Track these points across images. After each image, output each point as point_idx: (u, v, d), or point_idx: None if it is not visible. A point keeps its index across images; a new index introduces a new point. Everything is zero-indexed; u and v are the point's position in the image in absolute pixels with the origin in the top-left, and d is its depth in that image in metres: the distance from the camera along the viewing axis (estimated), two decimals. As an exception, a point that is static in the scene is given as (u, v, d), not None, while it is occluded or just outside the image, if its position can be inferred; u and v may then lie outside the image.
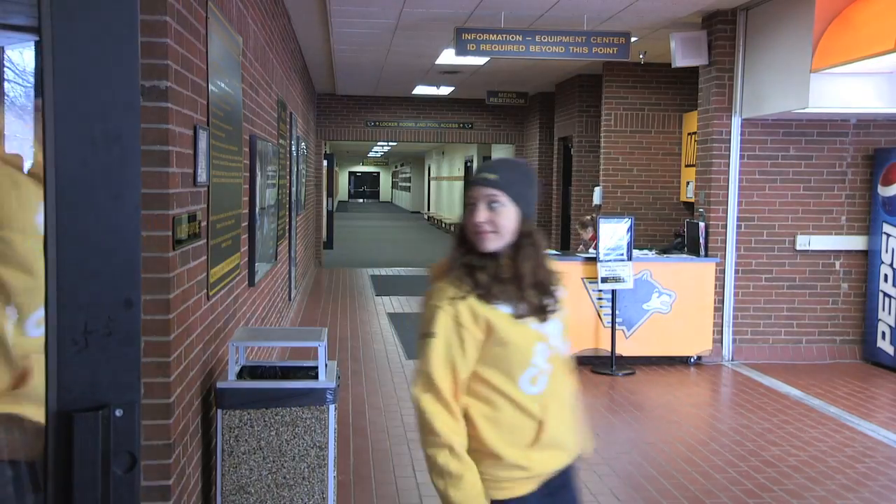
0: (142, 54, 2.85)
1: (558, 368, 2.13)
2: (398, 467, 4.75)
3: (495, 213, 2.05)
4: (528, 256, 2.07)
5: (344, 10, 7.97)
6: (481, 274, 2.06)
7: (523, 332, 2.06)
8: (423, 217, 36.33)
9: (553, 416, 2.09)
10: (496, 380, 2.05)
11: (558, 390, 2.13)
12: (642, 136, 10.67)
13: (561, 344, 2.15)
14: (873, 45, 5.91)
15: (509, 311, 2.06)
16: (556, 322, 2.14)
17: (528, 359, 2.06)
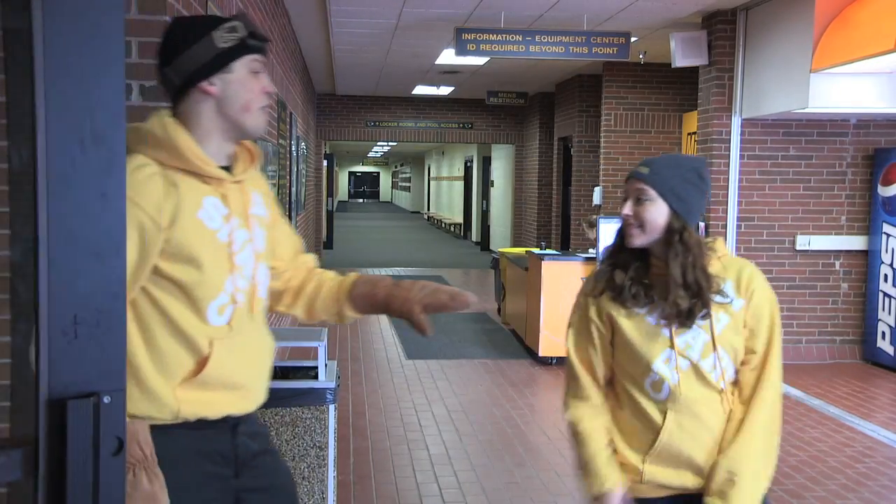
0: (141, 54, 2.86)
1: (689, 379, 1.99)
2: (398, 467, 4.75)
3: (641, 208, 2.00)
4: (675, 255, 1.97)
5: (344, 10, 7.97)
6: (620, 273, 2.04)
7: (649, 335, 2.01)
8: (423, 217, 36.33)
9: (674, 427, 1.99)
10: (623, 378, 2.09)
11: (686, 402, 1.98)
12: (642, 136, 10.67)
13: (698, 355, 1.99)
14: (873, 45, 5.91)
15: (642, 313, 2.02)
16: (701, 331, 2.00)
17: (649, 363, 2.00)
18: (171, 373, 1.75)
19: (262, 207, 1.94)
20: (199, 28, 1.77)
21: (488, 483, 4.50)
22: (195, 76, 1.75)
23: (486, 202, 20.30)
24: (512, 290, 8.88)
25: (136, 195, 1.65)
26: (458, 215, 25.83)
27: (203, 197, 1.75)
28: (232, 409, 1.84)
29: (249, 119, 1.80)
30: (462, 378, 6.89)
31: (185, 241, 1.71)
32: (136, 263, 1.67)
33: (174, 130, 1.73)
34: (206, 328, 1.77)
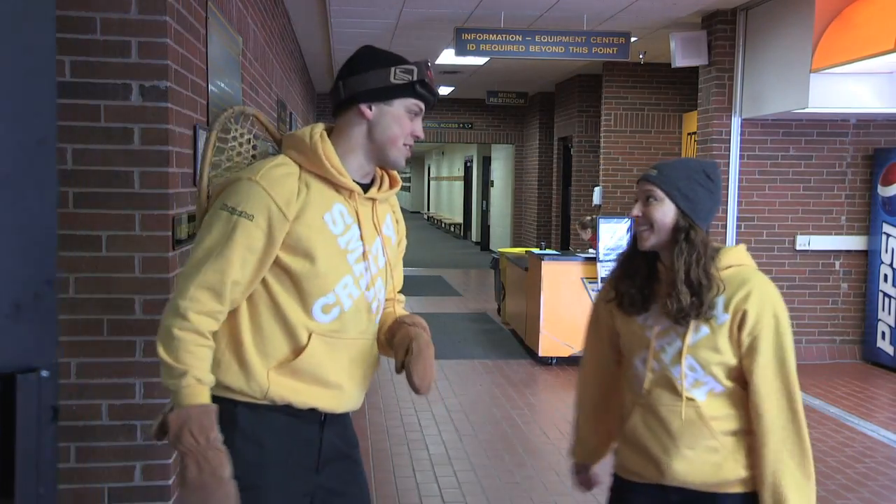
0: (141, 54, 2.86)
1: (657, 382, 2.07)
2: (398, 467, 4.75)
3: (649, 208, 2.05)
4: (680, 252, 2.01)
5: (344, 10, 7.97)
6: (627, 282, 2.13)
7: (635, 334, 2.13)
8: (423, 217, 36.32)
9: (639, 420, 2.11)
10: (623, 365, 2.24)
11: (651, 401, 2.09)
12: (642, 136, 10.67)
13: (668, 360, 2.05)
14: (873, 45, 5.91)
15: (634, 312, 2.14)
16: (677, 339, 2.04)
17: (631, 359, 2.15)
18: (269, 354, 1.88)
19: (391, 231, 2.13)
20: (384, 59, 1.95)
21: (488, 483, 4.50)
22: (359, 97, 1.93)
23: (486, 202, 20.30)
24: (512, 290, 8.88)
25: (270, 187, 1.84)
26: (458, 215, 25.83)
27: (333, 203, 1.91)
28: (319, 404, 1.94)
29: (393, 151, 1.96)
30: (462, 378, 6.89)
31: (305, 237, 1.85)
32: (264, 246, 1.83)
33: (318, 140, 1.91)
34: (309, 322, 1.90)
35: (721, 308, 2.00)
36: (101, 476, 2.98)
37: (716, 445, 2.03)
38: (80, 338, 2.91)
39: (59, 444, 2.93)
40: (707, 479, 2.04)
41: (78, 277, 2.89)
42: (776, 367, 2.00)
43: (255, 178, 1.85)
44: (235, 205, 1.84)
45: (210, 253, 1.82)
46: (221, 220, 1.84)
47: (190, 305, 1.79)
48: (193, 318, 1.79)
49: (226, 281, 1.81)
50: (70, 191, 2.86)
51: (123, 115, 2.87)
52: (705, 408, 2.02)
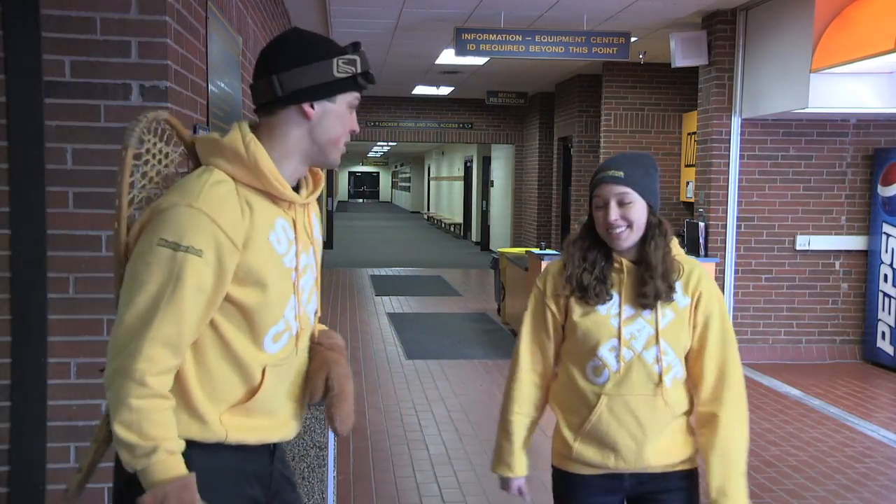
0: (141, 54, 2.86)
1: (629, 369, 2.10)
2: (398, 467, 4.75)
3: (627, 210, 2.09)
4: (657, 246, 2.11)
5: (344, 10, 7.97)
6: (587, 275, 2.13)
7: (598, 324, 2.12)
8: (423, 217, 36.33)
9: (605, 410, 2.11)
10: (567, 360, 2.21)
11: (621, 389, 2.10)
12: (642, 136, 10.67)
13: (641, 346, 2.10)
14: (873, 45, 5.91)
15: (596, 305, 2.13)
16: (646, 324, 2.11)
17: (594, 349, 2.13)
18: (220, 398, 1.68)
19: (318, 232, 1.90)
20: (323, 49, 1.71)
21: (488, 483, 4.50)
22: (302, 94, 1.68)
23: (486, 202, 20.30)
24: (512, 290, 8.89)
25: (214, 212, 1.58)
26: (458, 215, 25.83)
27: (275, 219, 1.69)
28: (273, 437, 1.79)
29: (334, 152, 1.76)
30: (462, 378, 6.89)
31: (255, 265, 1.64)
32: (214, 284, 1.59)
33: (258, 151, 1.65)
34: (261, 355, 1.71)
35: (681, 292, 2.13)
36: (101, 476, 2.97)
37: (673, 428, 2.15)
38: (80, 338, 2.91)
39: (59, 444, 2.93)
40: (666, 461, 2.16)
41: (78, 277, 2.89)
42: (724, 345, 2.15)
43: (195, 205, 1.57)
44: (178, 239, 1.56)
45: (157, 300, 1.55)
46: (164, 259, 1.56)
47: (147, 368, 1.54)
48: (152, 382, 1.55)
49: (183, 332, 1.57)
50: (70, 191, 2.86)
51: (123, 115, 2.87)
52: (670, 394, 2.13)
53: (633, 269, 2.13)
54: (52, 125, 2.83)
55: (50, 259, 2.86)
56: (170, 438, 1.57)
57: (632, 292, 2.11)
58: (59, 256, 2.87)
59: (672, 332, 2.12)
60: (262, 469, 1.80)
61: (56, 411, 2.91)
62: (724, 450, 2.12)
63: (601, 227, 2.11)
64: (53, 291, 2.88)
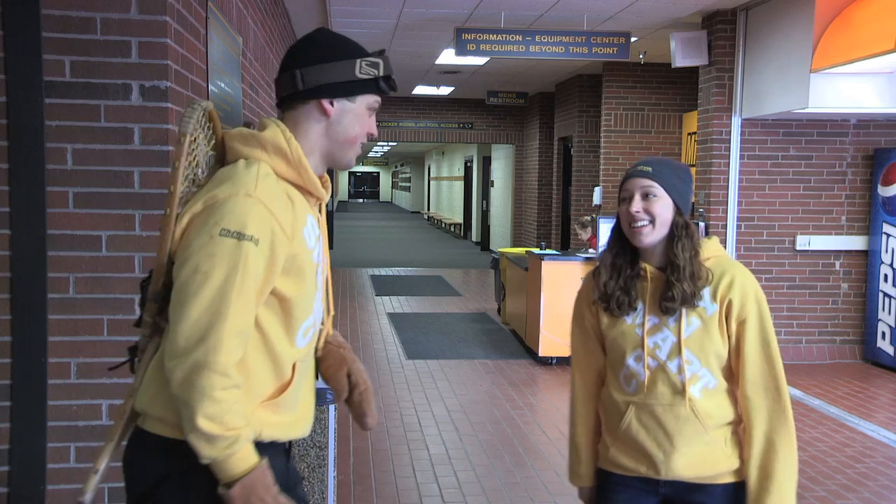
0: (141, 54, 2.86)
1: (655, 379, 2.09)
2: (398, 467, 4.76)
3: (650, 203, 2.07)
4: (683, 247, 2.07)
5: (344, 10, 7.97)
6: (611, 283, 2.13)
7: (624, 333, 2.13)
8: (423, 217, 36.33)
9: (634, 419, 2.12)
10: (608, 365, 2.22)
11: (647, 399, 2.09)
12: (642, 136, 10.67)
13: (665, 355, 2.08)
14: (873, 45, 5.91)
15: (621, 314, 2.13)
16: (669, 333, 2.08)
17: (622, 358, 2.14)
18: (254, 392, 1.66)
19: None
20: (346, 49, 1.75)
21: (488, 483, 4.50)
22: (321, 90, 1.71)
23: (486, 202, 20.31)
24: (512, 290, 8.88)
25: (271, 203, 1.60)
26: (458, 215, 25.83)
27: (307, 214, 1.73)
28: (297, 433, 1.78)
29: (349, 152, 1.80)
30: (462, 378, 6.89)
31: (297, 256, 1.66)
32: (265, 276, 1.60)
33: (298, 147, 1.69)
34: (293, 351, 1.72)
35: (709, 298, 2.07)
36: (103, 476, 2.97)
37: (709, 440, 2.08)
38: (80, 338, 2.91)
39: (59, 444, 2.93)
40: (701, 473, 2.10)
41: (78, 277, 2.89)
42: (762, 350, 2.07)
43: (253, 195, 1.59)
44: (240, 228, 1.56)
45: (227, 291, 1.55)
46: (228, 249, 1.55)
47: (229, 360, 1.54)
48: (234, 373, 1.56)
49: (251, 321, 1.60)
50: (70, 191, 2.86)
51: (123, 115, 2.87)
52: (700, 404, 2.07)
53: (659, 276, 2.10)
54: (52, 125, 2.83)
55: (50, 259, 2.87)
56: (247, 426, 1.59)
57: (656, 300, 2.08)
58: (59, 256, 2.88)
59: (697, 341, 2.07)
60: (281, 465, 1.77)
61: (56, 411, 2.91)
62: (765, 466, 2.04)
63: (624, 221, 2.09)
64: (53, 291, 2.88)
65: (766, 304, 2.10)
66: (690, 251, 2.07)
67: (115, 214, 2.89)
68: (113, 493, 2.98)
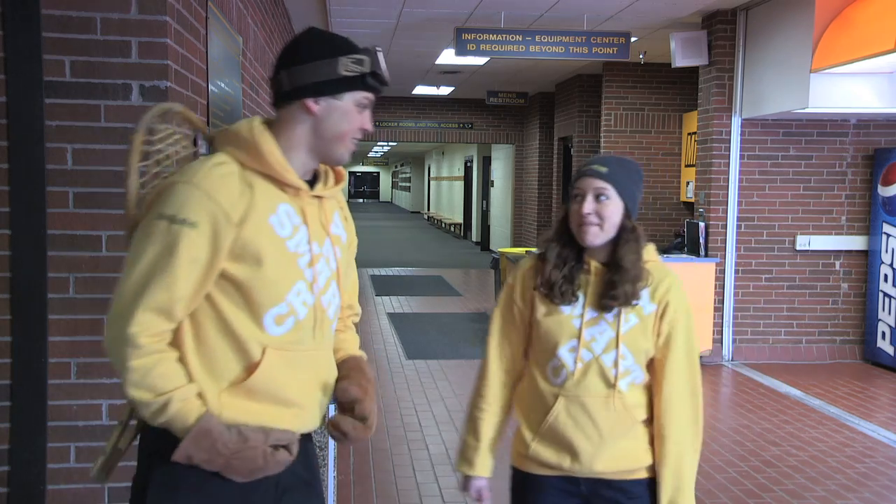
0: (141, 54, 2.86)
1: (586, 371, 2.11)
2: (398, 467, 4.76)
3: (602, 205, 2.08)
4: (630, 251, 2.10)
5: (344, 10, 7.97)
6: (556, 272, 2.12)
7: (560, 323, 2.13)
8: (423, 217, 36.33)
9: (562, 411, 2.11)
10: (530, 358, 2.22)
11: (578, 391, 2.11)
12: (642, 136, 10.67)
13: (601, 349, 2.10)
14: (873, 45, 5.91)
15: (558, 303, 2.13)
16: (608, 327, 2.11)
17: (554, 349, 2.13)
18: (219, 375, 1.71)
19: (341, 229, 1.93)
20: (330, 47, 1.76)
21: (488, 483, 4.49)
22: (305, 90, 1.75)
23: (486, 202, 20.31)
24: (512, 290, 8.87)
25: (212, 189, 1.66)
26: (458, 215, 25.83)
27: (278, 203, 1.74)
28: (278, 425, 1.75)
29: (339, 148, 1.80)
30: (462, 378, 6.89)
31: (251, 242, 1.68)
32: (209, 257, 1.65)
33: (260, 134, 1.73)
34: (262, 335, 1.72)
35: (647, 298, 2.12)
36: (101, 476, 2.97)
37: (634, 434, 2.15)
38: (79, 338, 2.91)
39: (59, 444, 2.93)
40: (622, 467, 2.15)
41: (78, 277, 2.89)
42: (687, 358, 2.15)
43: (193, 181, 1.67)
44: (175, 212, 1.64)
45: (153, 269, 1.63)
46: (160, 232, 1.64)
47: (139, 331, 1.62)
48: (145, 342, 1.63)
49: (175, 298, 1.64)
50: (70, 191, 2.86)
51: (123, 115, 2.87)
52: (628, 398, 2.13)
53: (602, 272, 2.12)
54: (52, 125, 2.83)
55: (50, 259, 2.87)
56: (180, 387, 1.65)
57: (597, 295, 2.11)
58: (59, 256, 2.88)
59: (633, 338, 2.11)
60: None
61: (56, 411, 2.91)
62: (677, 465, 2.13)
63: (574, 220, 2.10)
64: (53, 291, 2.88)
65: (692, 316, 2.19)
66: (635, 254, 2.10)
67: (115, 214, 2.89)
68: (112, 492, 2.98)
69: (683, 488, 2.13)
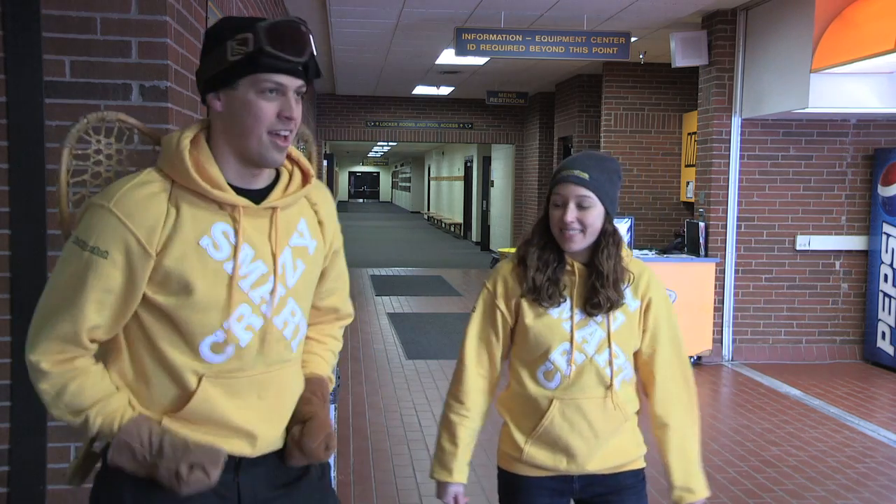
0: (141, 54, 2.86)
1: (581, 373, 2.11)
2: (398, 467, 4.76)
3: (584, 213, 2.06)
4: (609, 255, 2.10)
5: (344, 10, 7.97)
6: (539, 275, 2.11)
7: (550, 328, 2.11)
8: (423, 217, 36.34)
9: (557, 414, 2.11)
10: (518, 363, 2.19)
11: (573, 393, 2.11)
12: (642, 136, 10.67)
13: (593, 349, 2.11)
14: (873, 45, 5.91)
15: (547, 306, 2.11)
16: (598, 328, 2.12)
17: (546, 354, 2.11)
18: (156, 402, 1.63)
19: (308, 237, 1.74)
20: (221, 34, 1.57)
21: (488, 483, 4.50)
22: (206, 87, 1.60)
23: (486, 202, 20.31)
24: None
25: (127, 215, 1.54)
26: (458, 215, 25.83)
27: (212, 224, 1.59)
28: (236, 448, 1.66)
29: (252, 144, 1.59)
30: (462, 378, 6.89)
31: (177, 270, 1.56)
32: (123, 286, 1.55)
33: (180, 148, 1.58)
34: (197, 364, 1.61)
35: (631, 295, 2.15)
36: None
37: (626, 429, 2.18)
38: (80, 338, 2.90)
39: (59, 444, 2.93)
40: (616, 463, 2.17)
41: (78, 277, 2.89)
42: (674, 347, 2.20)
43: (108, 205, 1.53)
44: (87, 238, 1.54)
45: (61, 297, 1.56)
46: (73, 257, 1.56)
47: (41, 359, 1.57)
48: (49, 368, 1.57)
49: (79, 330, 1.56)
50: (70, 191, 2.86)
51: (123, 115, 2.86)
52: (620, 395, 2.14)
53: (585, 272, 2.12)
54: (52, 125, 2.83)
55: (50, 259, 2.86)
56: (98, 402, 1.59)
57: (583, 297, 2.11)
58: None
59: (623, 335, 2.13)
60: (223, 486, 1.64)
61: (56, 411, 2.91)
62: (682, 449, 2.17)
63: (555, 225, 2.08)
64: (53, 291, 2.88)
65: (671, 304, 2.24)
66: (615, 258, 2.11)
67: (115, 214, 2.89)
68: (113, 493, 2.98)
69: (692, 471, 2.17)
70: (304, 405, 1.77)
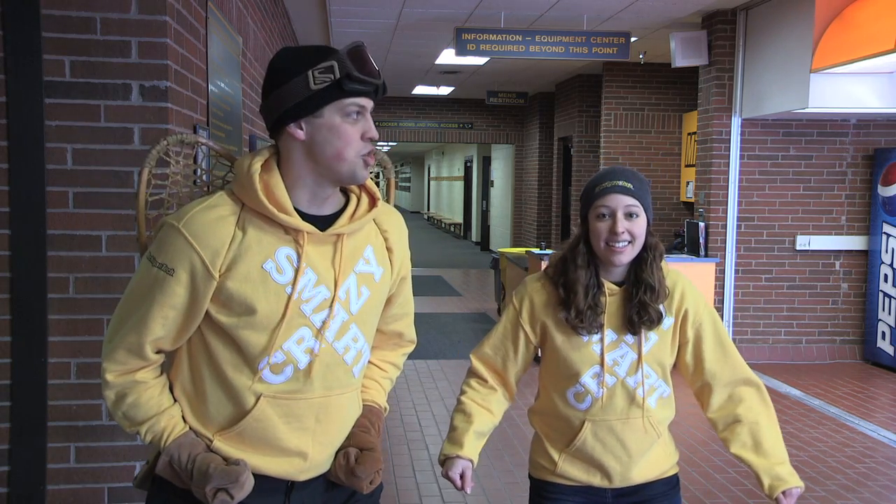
0: (141, 54, 2.86)
1: (613, 395, 2.05)
2: (398, 467, 4.76)
3: (633, 223, 1.99)
4: (658, 268, 2.04)
5: (344, 10, 7.97)
6: (581, 299, 2.01)
7: (579, 350, 2.05)
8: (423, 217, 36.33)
9: (590, 436, 2.08)
10: (548, 383, 2.18)
11: (605, 415, 2.06)
12: (642, 136, 10.67)
13: (624, 372, 2.05)
14: (873, 45, 5.91)
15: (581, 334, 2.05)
16: (629, 349, 2.06)
17: (577, 376, 2.06)
18: (211, 419, 1.68)
19: (374, 265, 1.76)
20: (298, 63, 1.61)
21: (488, 483, 4.50)
22: (286, 117, 1.62)
23: (486, 202, 20.31)
24: (512, 290, 8.88)
25: (195, 236, 1.60)
26: (458, 215, 25.83)
27: (277, 248, 1.63)
28: (273, 471, 1.69)
29: (343, 167, 1.64)
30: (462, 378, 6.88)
31: (239, 291, 1.60)
32: (187, 304, 1.62)
33: (251, 172, 1.62)
34: (257, 384, 1.65)
35: (664, 312, 2.07)
36: (101, 476, 2.98)
37: (659, 443, 2.13)
38: (80, 338, 2.91)
39: (59, 444, 2.93)
40: (651, 475, 2.14)
41: (78, 277, 2.89)
42: (724, 346, 2.12)
43: (178, 225, 1.61)
44: (157, 255, 1.63)
45: (131, 309, 1.65)
46: (145, 271, 1.65)
47: (109, 367, 1.66)
48: (112, 379, 1.65)
49: (143, 342, 1.63)
50: (70, 191, 2.86)
51: (123, 115, 2.87)
52: (655, 414, 2.09)
53: (617, 293, 2.05)
54: (52, 125, 2.83)
55: (50, 259, 2.87)
56: (148, 419, 1.66)
57: (619, 317, 2.04)
58: (59, 256, 2.88)
59: (655, 355, 2.07)
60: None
61: (56, 411, 2.91)
62: (758, 442, 2.07)
63: (601, 239, 1.99)
64: (53, 291, 2.88)
65: (710, 304, 2.15)
66: (661, 270, 2.05)
67: (114, 214, 2.89)
68: (112, 492, 2.98)
69: (774, 465, 2.06)
70: (363, 433, 1.80)
